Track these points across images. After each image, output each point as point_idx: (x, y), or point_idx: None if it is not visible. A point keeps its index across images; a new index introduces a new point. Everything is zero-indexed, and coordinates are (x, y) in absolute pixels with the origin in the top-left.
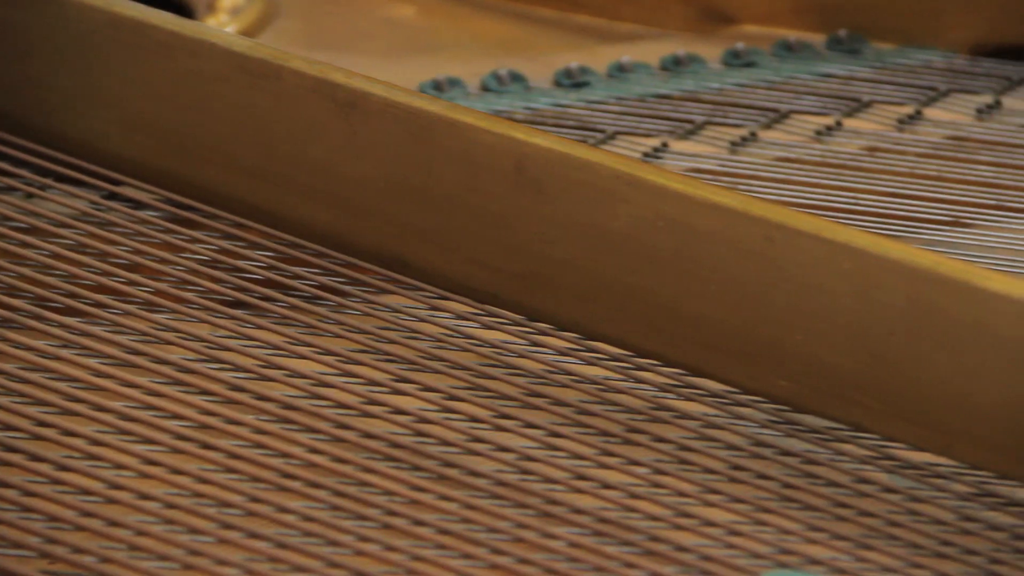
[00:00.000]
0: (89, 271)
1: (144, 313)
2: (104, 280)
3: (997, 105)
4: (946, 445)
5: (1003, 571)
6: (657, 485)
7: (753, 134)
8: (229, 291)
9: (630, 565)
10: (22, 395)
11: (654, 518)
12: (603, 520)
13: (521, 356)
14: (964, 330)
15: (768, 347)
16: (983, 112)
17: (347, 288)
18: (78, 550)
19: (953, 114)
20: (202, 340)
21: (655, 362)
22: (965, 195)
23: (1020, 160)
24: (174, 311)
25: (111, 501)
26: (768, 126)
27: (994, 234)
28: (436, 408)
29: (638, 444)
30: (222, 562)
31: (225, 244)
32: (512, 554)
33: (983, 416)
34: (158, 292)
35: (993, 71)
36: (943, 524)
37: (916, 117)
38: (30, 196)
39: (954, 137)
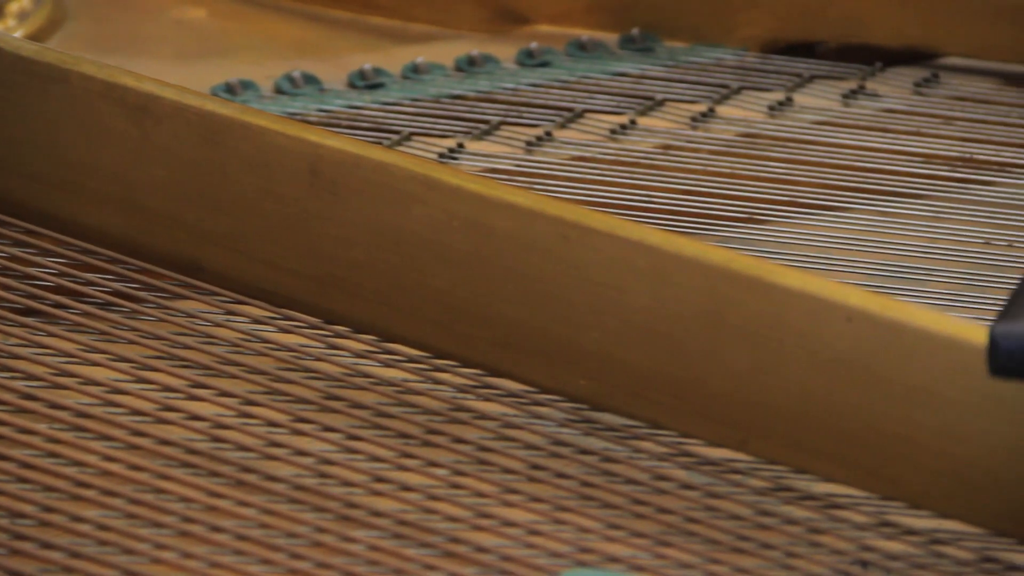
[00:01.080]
0: None
1: None
2: None
3: (788, 102)
4: (742, 440)
5: (799, 564)
6: (456, 486)
7: (548, 133)
8: (20, 299)
9: (429, 567)
10: None
11: (453, 519)
12: (402, 522)
13: (319, 359)
14: (758, 326)
15: (565, 346)
16: (775, 109)
17: (141, 294)
18: None
19: (745, 111)
20: None
21: (453, 363)
22: (758, 191)
23: (812, 156)
24: None
25: None
26: (563, 125)
27: (787, 230)
28: (233, 413)
29: (437, 446)
30: (15, 574)
31: (15, 251)
32: (311, 558)
33: (778, 411)
34: None
35: (784, 68)
36: (740, 519)
37: (709, 115)
38: None
39: (747, 134)
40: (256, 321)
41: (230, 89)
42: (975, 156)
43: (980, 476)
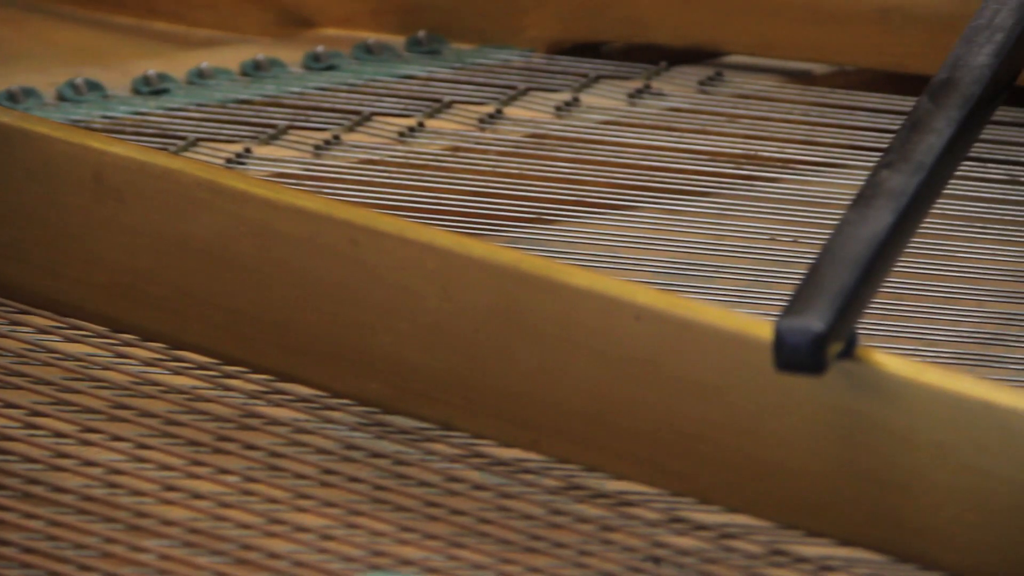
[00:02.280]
0: None
1: None
2: None
3: (575, 102)
4: (533, 440)
5: (592, 563)
6: (248, 493)
7: (336, 137)
8: None
9: (221, 575)
10: None
11: (245, 526)
12: (193, 531)
13: (106, 368)
14: (548, 326)
15: (356, 350)
16: (562, 109)
17: None
18: None
19: (532, 112)
20: None
21: (243, 369)
22: (547, 192)
23: (599, 156)
24: None
25: None
26: (351, 129)
27: (576, 229)
28: (18, 425)
29: (228, 453)
30: None
31: None
32: (100, 570)
33: (569, 410)
34: None
35: (570, 68)
36: (533, 519)
37: (497, 116)
38: None
39: (534, 135)
40: (41, 331)
41: (12, 97)
42: (760, 153)
43: (769, 470)
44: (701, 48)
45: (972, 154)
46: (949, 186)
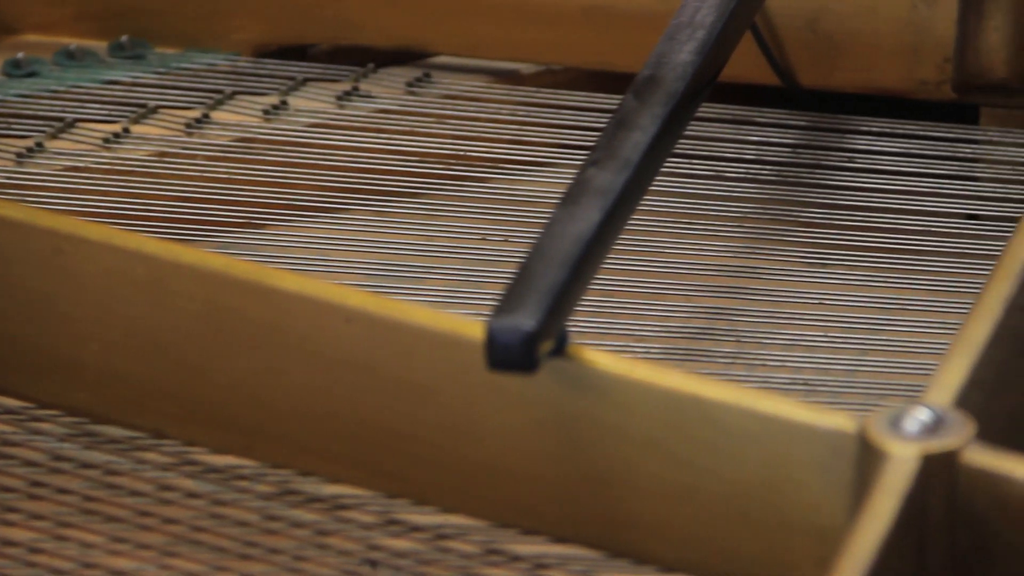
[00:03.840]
0: None
1: None
2: None
3: (283, 105)
4: (247, 446)
5: (307, 568)
6: None
7: (39, 144)
8: None
9: None
10: None
11: None
12: None
13: None
14: (259, 331)
15: (64, 360)
16: (269, 113)
17: None
18: None
19: (240, 116)
20: None
21: None
22: (256, 196)
23: (308, 159)
24: None
25: None
26: (54, 136)
27: (286, 233)
28: None
29: None
30: None
31: None
32: None
33: (282, 415)
34: None
35: (277, 72)
36: (247, 525)
37: (204, 120)
38: None
39: (242, 139)
40: None
41: None
42: (469, 153)
43: (483, 469)
44: (408, 49)
45: (678, 150)
46: (656, 182)
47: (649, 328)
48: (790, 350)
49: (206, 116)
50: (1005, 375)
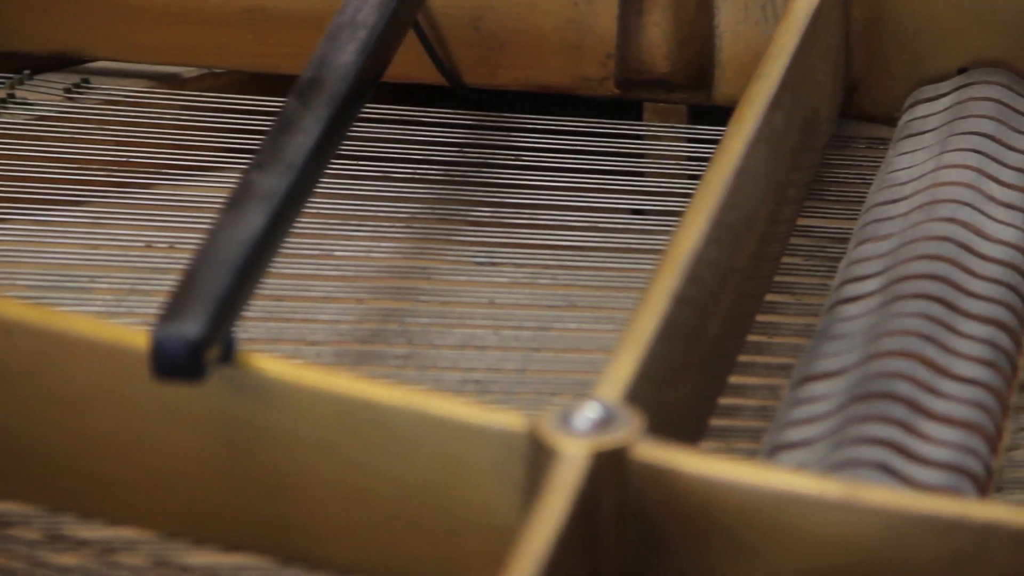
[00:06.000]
0: None
1: None
2: None
3: None
4: None
5: None
6: None
7: None
8: None
9: None
10: None
11: None
12: None
13: None
14: None
15: None
16: None
17: None
18: None
19: None
20: None
21: None
22: None
23: None
24: None
25: None
26: None
27: None
28: None
29: None
30: None
31: None
32: None
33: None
34: None
35: None
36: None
37: None
38: None
39: None
40: None
41: None
42: (131, 159)
43: (153, 480)
44: (65, 54)
45: (344, 151)
46: (323, 185)
47: (320, 332)
48: (462, 350)
49: None
50: (674, 368)
